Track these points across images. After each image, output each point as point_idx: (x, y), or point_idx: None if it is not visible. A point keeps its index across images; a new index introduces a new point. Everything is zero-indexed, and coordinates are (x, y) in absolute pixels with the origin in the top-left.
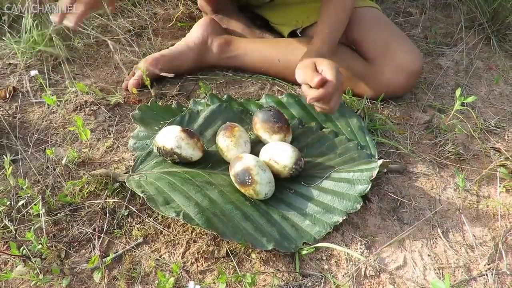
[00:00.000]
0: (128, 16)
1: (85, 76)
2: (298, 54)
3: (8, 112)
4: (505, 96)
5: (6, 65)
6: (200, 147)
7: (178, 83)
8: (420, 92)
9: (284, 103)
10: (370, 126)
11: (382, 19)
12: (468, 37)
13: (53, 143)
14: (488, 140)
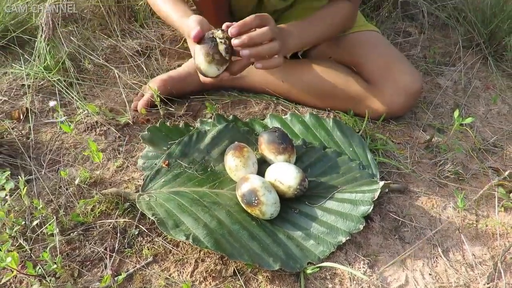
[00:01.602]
0: (136, 37)
1: (95, 96)
2: (301, 75)
3: (22, 132)
4: (503, 115)
5: (19, 86)
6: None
7: (185, 103)
8: (420, 111)
9: (288, 123)
10: (371, 146)
11: (382, 42)
12: (466, 57)
13: (65, 163)
14: (486, 159)
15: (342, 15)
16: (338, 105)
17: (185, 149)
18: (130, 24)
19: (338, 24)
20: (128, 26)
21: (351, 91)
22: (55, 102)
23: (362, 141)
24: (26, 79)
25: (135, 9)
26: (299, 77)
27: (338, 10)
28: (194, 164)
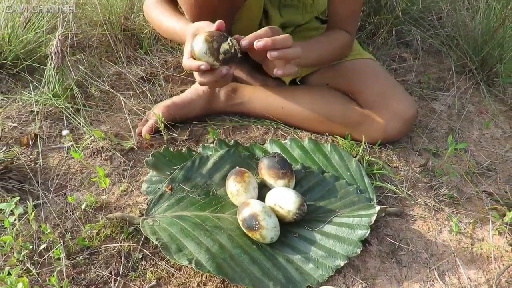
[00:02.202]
0: (140, 64)
1: (100, 121)
2: (300, 101)
3: (30, 158)
4: (496, 139)
5: (28, 113)
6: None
7: (187, 128)
8: (415, 136)
9: (287, 148)
10: (368, 171)
11: (378, 69)
12: (459, 82)
13: (72, 187)
14: (480, 183)
15: (341, 42)
16: (335, 130)
17: (188, 173)
18: (135, 52)
19: (338, 49)
20: (133, 53)
21: (348, 117)
22: (67, 131)
23: (359, 166)
24: (35, 105)
25: (140, 37)
26: (297, 103)
27: (337, 37)
28: (196, 188)
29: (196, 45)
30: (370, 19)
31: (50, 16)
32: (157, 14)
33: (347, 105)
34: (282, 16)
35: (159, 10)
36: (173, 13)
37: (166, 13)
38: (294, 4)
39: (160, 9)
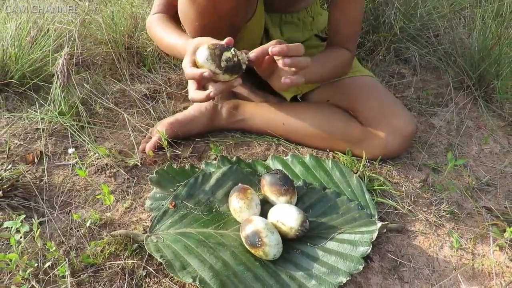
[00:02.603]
0: (144, 82)
1: (105, 138)
2: (301, 118)
3: (35, 175)
4: (495, 154)
5: (34, 130)
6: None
7: (190, 145)
8: (415, 151)
9: (289, 164)
10: (369, 187)
11: (377, 87)
12: (458, 97)
13: (77, 205)
14: (480, 198)
15: (342, 60)
16: (336, 147)
17: (191, 190)
18: (138, 69)
19: (339, 67)
20: (136, 71)
21: (349, 133)
22: (73, 150)
23: (360, 182)
24: (40, 123)
25: (144, 54)
26: (299, 119)
27: (339, 55)
28: (199, 205)
29: (199, 53)
30: (369, 37)
31: (56, 36)
32: (159, 31)
33: (348, 122)
34: (283, 34)
35: (161, 27)
36: (174, 30)
37: (168, 30)
38: (294, 21)
39: (162, 26)
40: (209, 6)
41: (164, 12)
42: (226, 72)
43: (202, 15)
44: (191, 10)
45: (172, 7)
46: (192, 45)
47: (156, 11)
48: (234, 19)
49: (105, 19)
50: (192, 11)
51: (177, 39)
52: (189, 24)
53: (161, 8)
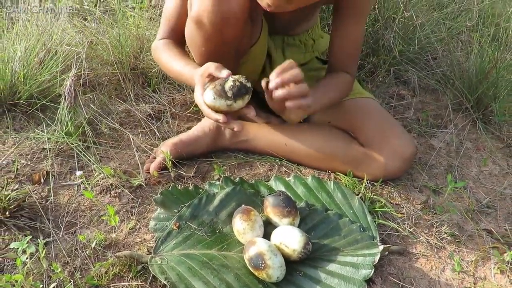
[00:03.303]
0: (148, 102)
1: (109, 158)
2: (303, 139)
3: (41, 195)
4: (494, 176)
5: (40, 150)
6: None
7: (194, 165)
8: (415, 173)
9: (291, 185)
10: (370, 208)
11: (377, 109)
12: (457, 119)
13: (81, 225)
14: (481, 220)
15: (346, 84)
16: (337, 168)
17: (195, 211)
18: (143, 89)
19: (344, 92)
20: (141, 91)
21: (350, 155)
22: (81, 172)
23: (362, 204)
24: (47, 143)
25: (149, 75)
26: (300, 140)
27: (342, 80)
28: (203, 226)
29: (206, 97)
30: (369, 59)
31: (64, 57)
32: (165, 57)
33: (349, 144)
34: (285, 57)
35: (167, 54)
36: (180, 57)
37: (174, 56)
38: (296, 44)
39: (168, 52)
40: (215, 33)
41: (169, 37)
42: (236, 99)
43: (208, 41)
44: (197, 36)
45: (177, 33)
46: (198, 75)
47: (162, 36)
48: (238, 45)
49: (112, 40)
50: (198, 37)
51: (183, 67)
52: (195, 49)
53: (166, 34)
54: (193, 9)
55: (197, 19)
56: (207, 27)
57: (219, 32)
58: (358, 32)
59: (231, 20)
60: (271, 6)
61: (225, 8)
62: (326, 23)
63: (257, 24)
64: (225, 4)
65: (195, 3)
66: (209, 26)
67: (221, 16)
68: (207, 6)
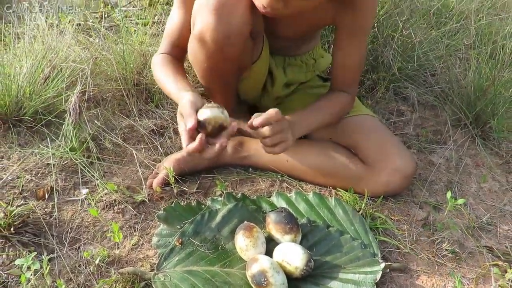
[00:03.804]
0: (151, 117)
1: (113, 174)
2: (304, 155)
3: (46, 211)
4: (494, 192)
5: (45, 165)
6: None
7: (196, 180)
8: (416, 189)
9: (293, 201)
10: (371, 225)
11: (378, 126)
12: (456, 135)
13: (85, 241)
14: (481, 237)
15: (343, 104)
16: (338, 184)
17: (198, 227)
18: (146, 105)
19: (338, 113)
20: (144, 107)
21: (350, 171)
22: (87, 190)
23: (363, 220)
24: (51, 158)
25: (152, 91)
26: (302, 157)
27: (337, 100)
28: (205, 242)
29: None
30: (369, 75)
31: (69, 73)
32: (159, 72)
33: (349, 161)
34: (286, 76)
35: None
36: (173, 75)
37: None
38: (297, 64)
39: (162, 68)
40: (217, 50)
41: (169, 53)
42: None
43: (210, 58)
44: (200, 53)
45: (178, 49)
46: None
47: (162, 51)
48: (240, 62)
49: (116, 56)
50: (201, 54)
51: (172, 87)
52: (198, 66)
53: (167, 49)
54: (196, 27)
55: (200, 37)
56: (210, 45)
57: (221, 49)
58: (359, 52)
59: (233, 38)
60: (266, 7)
61: (227, 26)
62: (326, 40)
63: (259, 41)
64: (227, 23)
65: (198, 21)
66: (212, 43)
67: (223, 34)
68: (209, 24)
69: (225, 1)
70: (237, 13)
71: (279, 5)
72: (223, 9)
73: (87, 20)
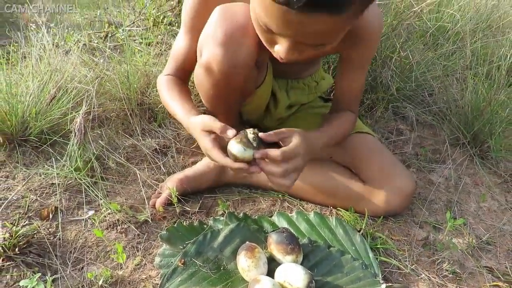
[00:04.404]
0: (154, 137)
1: (116, 193)
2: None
3: (50, 231)
4: (493, 211)
5: (49, 185)
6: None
7: (198, 200)
8: (416, 208)
9: (294, 221)
10: (372, 245)
11: (378, 146)
12: (455, 154)
13: (88, 261)
14: (481, 257)
15: (350, 122)
16: (338, 203)
17: (200, 248)
18: (149, 124)
19: (347, 130)
20: (148, 126)
21: (351, 191)
22: (93, 211)
23: (364, 240)
24: (56, 178)
25: (155, 110)
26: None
27: (346, 119)
28: (208, 262)
29: (235, 149)
30: (368, 95)
31: (74, 94)
32: (165, 94)
33: (350, 180)
34: (289, 98)
35: (168, 92)
36: (179, 96)
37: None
38: (300, 86)
39: (168, 91)
40: (223, 80)
41: (174, 75)
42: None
43: (216, 86)
44: (206, 81)
45: (183, 72)
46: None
47: (168, 73)
48: (245, 89)
49: (120, 77)
50: (207, 83)
51: (179, 109)
52: (203, 92)
53: (172, 71)
54: (203, 55)
55: (207, 66)
56: (216, 74)
57: (227, 79)
58: (362, 77)
59: (239, 69)
60: (283, 59)
61: (234, 58)
62: (326, 61)
63: (263, 69)
64: (234, 55)
65: (205, 51)
66: (218, 73)
67: (230, 65)
68: (216, 56)
69: (232, 34)
70: (244, 46)
71: (294, 57)
72: (230, 42)
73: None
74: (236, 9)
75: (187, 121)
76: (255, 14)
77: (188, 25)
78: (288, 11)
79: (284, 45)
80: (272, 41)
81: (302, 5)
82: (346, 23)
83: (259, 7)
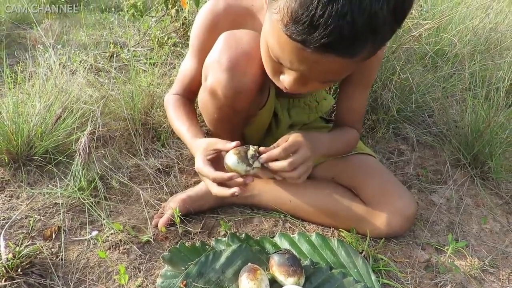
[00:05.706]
0: (157, 156)
1: (119, 213)
2: (307, 196)
3: (52, 251)
4: (495, 233)
5: (53, 205)
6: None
7: (200, 220)
8: (417, 229)
9: (296, 242)
10: (374, 267)
11: (379, 168)
12: (456, 175)
13: (90, 282)
14: (484, 280)
15: (353, 136)
16: (340, 224)
17: (202, 269)
18: (153, 144)
19: (350, 144)
20: (151, 146)
21: (352, 212)
22: (96, 232)
23: (366, 263)
24: (60, 198)
25: (158, 130)
26: (304, 197)
27: (349, 133)
28: (210, 284)
29: (229, 160)
30: (369, 116)
31: (80, 114)
32: (172, 114)
33: (352, 202)
34: (291, 117)
35: (174, 112)
36: (186, 117)
37: (179, 115)
38: (301, 106)
39: (174, 111)
40: (227, 104)
41: (181, 94)
42: (254, 166)
43: (220, 110)
44: (210, 105)
45: (190, 92)
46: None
47: (175, 92)
48: (248, 113)
49: (125, 97)
50: (211, 106)
51: (185, 131)
52: (207, 115)
53: (179, 91)
54: (208, 80)
55: (211, 90)
56: (220, 98)
57: (231, 103)
58: (365, 98)
59: (243, 94)
60: (288, 89)
61: (239, 83)
62: None
63: (266, 92)
64: (239, 82)
65: (210, 74)
66: (222, 97)
67: (234, 90)
68: (221, 81)
69: (237, 61)
70: (248, 73)
71: (299, 88)
72: (235, 68)
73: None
74: (241, 36)
75: (193, 144)
76: (266, 45)
77: (196, 48)
78: (303, 49)
79: (291, 77)
80: (279, 71)
81: (319, 46)
82: (357, 64)
83: (274, 40)
